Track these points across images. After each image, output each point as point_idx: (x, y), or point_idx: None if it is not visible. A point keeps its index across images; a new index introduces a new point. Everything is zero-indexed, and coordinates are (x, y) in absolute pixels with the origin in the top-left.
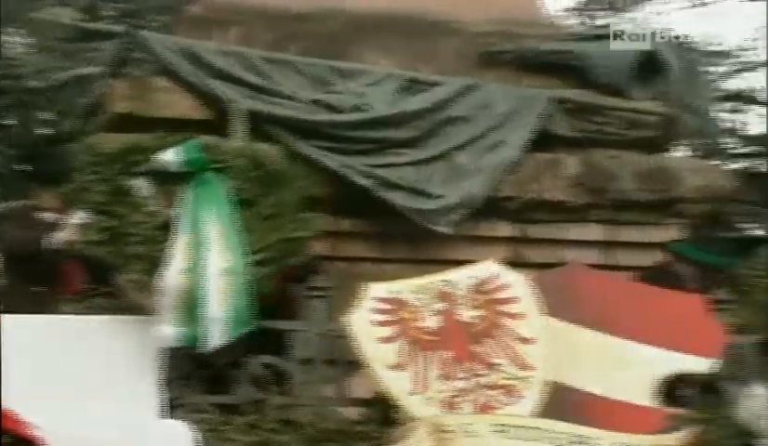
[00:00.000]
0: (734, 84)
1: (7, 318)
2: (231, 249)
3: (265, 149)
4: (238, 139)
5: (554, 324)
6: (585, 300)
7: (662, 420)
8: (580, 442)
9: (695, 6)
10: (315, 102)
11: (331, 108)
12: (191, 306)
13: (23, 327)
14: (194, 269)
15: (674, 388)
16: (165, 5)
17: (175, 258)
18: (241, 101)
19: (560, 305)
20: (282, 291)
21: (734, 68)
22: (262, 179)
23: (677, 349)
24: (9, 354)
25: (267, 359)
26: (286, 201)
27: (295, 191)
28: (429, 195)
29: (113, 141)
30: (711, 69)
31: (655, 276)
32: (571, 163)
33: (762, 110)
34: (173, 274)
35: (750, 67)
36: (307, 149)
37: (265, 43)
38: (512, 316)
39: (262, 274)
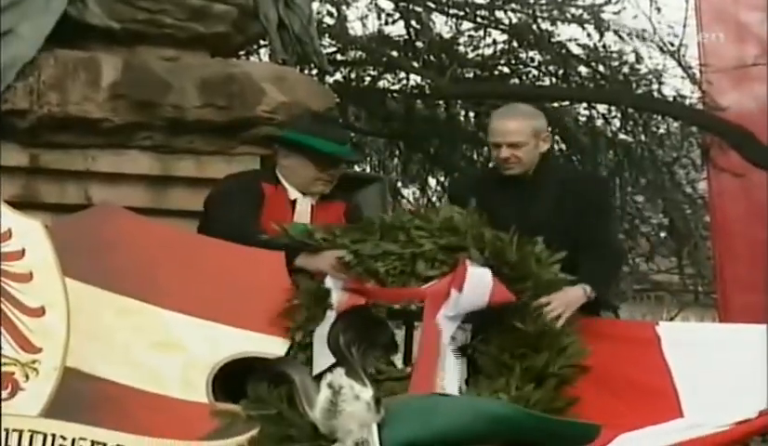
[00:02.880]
0: None
1: None
2: None
3: None
4: None
5: (76, 289)
6: (120, 256)
7: (212, 419)
8: None
9: None
10: None
11: None
12: None
13: None
14: None
15: (233, 377)
16: None
17: None
18: None
19: (85, 262)
20: None
21: None
22: None
23: (241, 325)
24: None
25: None
26: None
27: None
28: None
29: None
30: None
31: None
32: (109, 66)
33: (378, 3)
34: None
35: None
36: None
37: None
38: (16, 277)
39: None
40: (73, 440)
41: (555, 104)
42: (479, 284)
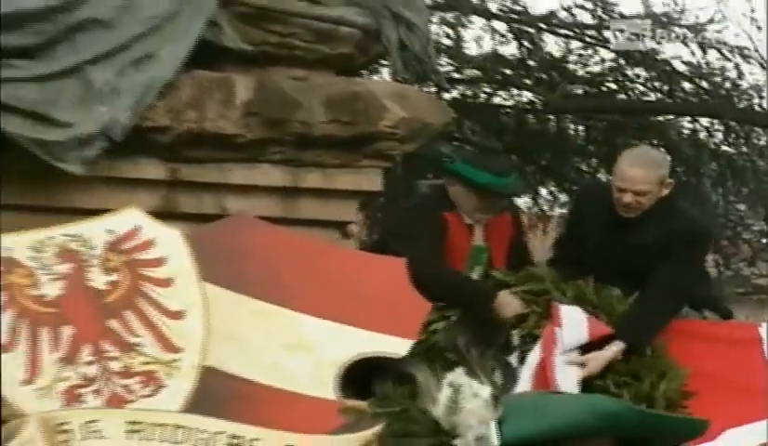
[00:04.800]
0: None
1: None
2: None
3: None
4: None
5: (213, 293)
6: (254, 263)
7: (341, 415)
8: (237, 444)
9: None
10: None
11: None
12: None
13: None
14: None
15: (360, 375)
16: None
17: None
18: None
19: (221, 268)
20: None
21: None
22: None
23: (366, 327)
24: None
25: None
26: None
27: None
28: (54, 122)
29: None
30: None
31: (427, 204)
32: (243, 86)
33: (492, 24)
34: None
35: None
36: None
37: None
38: (158, 282)
39: None
40: (213, 434)
41: (660, 118)
42: (574, 319)
